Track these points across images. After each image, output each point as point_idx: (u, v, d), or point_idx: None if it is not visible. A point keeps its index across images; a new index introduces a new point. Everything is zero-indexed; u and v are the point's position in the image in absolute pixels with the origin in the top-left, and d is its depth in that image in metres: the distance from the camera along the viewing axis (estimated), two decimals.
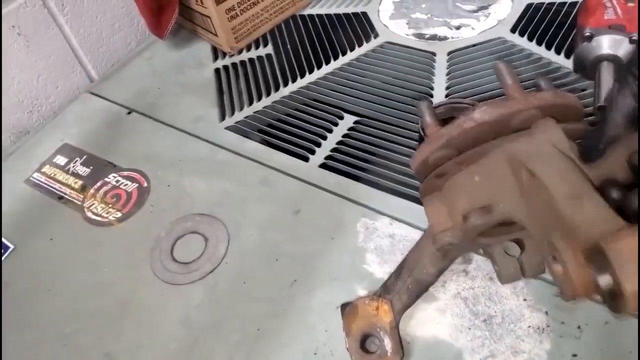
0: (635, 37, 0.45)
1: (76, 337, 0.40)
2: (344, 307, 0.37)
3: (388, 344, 0.34)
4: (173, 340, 0.38)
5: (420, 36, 0.58)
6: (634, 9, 0.48)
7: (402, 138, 0.49)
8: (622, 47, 0.46)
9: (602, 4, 0.49)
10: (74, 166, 0.53)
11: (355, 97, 0.54)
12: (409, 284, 0.35)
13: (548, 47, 0.54)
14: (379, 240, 0.41)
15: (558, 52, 0.53)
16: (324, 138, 0.51)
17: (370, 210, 0.44)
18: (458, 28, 0.58)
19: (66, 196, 0.50)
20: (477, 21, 0.58)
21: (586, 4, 0.51)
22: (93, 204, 0.49)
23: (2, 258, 0.46)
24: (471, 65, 0.54)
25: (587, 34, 0.47)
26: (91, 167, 0.52)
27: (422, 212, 0.42)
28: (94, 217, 0.48)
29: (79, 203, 0.49)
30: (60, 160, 0.54)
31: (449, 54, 0.55)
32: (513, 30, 0.57)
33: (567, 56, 0.52)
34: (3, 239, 0.47)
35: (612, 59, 0.46)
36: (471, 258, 0.39)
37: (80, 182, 0.51)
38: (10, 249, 0.46)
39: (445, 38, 0.57)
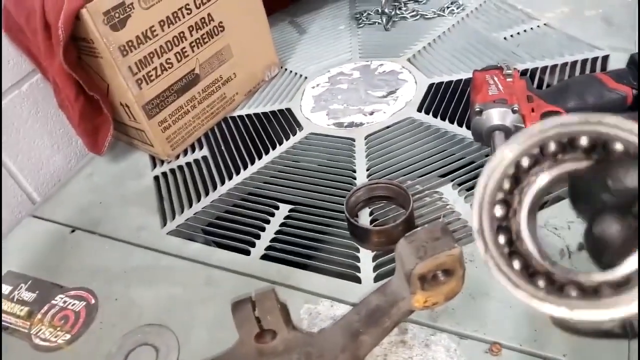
0: (516, 108, 0.53)
1: None
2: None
3: None
4: None
5: (339, 125, 0.64)
6: (512, 84, 0.56)
7: (333, 220, 0.53)
8: (508, 118, 0.53)
9: (486, 82, 0.57)
10: (18, 293, 0.53)
11: (288, 187, 0.58)
12: None
13: (451, 122, 0.61)
14: (322, 324, 0.44)
15: (460, 125, 0.60)
16: (263, 230, 0.54)
17: (311, 295, 0.46)
18: (371, 113, 0.64)
19: (12, 325, 0.50)
20: (387, 105, 0.65)
21: (474, 82, 0.59)
22: (40, 330, 0.49)
23: None
24: (387, 145, 0.60)
25: (477, 109, 0.54)
26: (37, 292, 0.53)
27: (360, 290, 0.46)
28: (42, 343, 0.48)
29: (26, 331, 0.49)
30: (4, 289, 0.54)
31: (365, 138, 0.61)
32: (419, 110, 0.64)
33: (468, 128, 0.59)
34: None
35: (502, 128, 0.53)
36: (407, 328, 0.42)
37: (26, 309, 0.51)
38: None
39: (361, 124, 0.63)
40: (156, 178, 0.64)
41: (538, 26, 0.75)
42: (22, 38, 0.61)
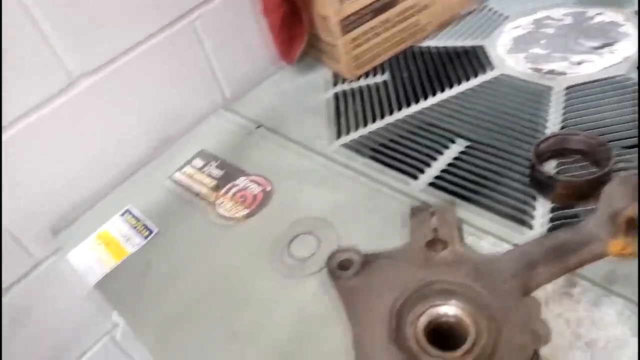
0: None
1: (206, 314, 0.46)
2: None
3: None
4: (288, 325, 0.43)
5: (537, 70, 0.59)
6: None
7: (511, 164, 0.50)
8: None
9: None
10: (209, 169, 0.61)
11: (468, 123, 0.56)
12: None
13: None
14: None
15: None
16: (435, 159, 0.54)
17: (476, 229, 0.45)
18: (579, 64, 0.58)
19: (201, 193, 0.58)
20: (600, 57, 0.58)
21: None
22: (223, 202, 0.56)
23: (149, 238, 0.54)
24: (588, 101, 0.54)
25: None
26: (224, 170, 0.60)
27: (530, 235, 0.43)
28: (223, 212, 0.55)
29: (212, 200, 0.57)
30: (198, 163, 0.62)
31: (566, 89, 0.56)
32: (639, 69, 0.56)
33: None
34: (150, 223, 0.56)
35: None
36: (576, 282, 0.39)
37: (214, 182, 0.59)
38: (155, 232, 0.55)
39: (563, 73, 0.58)
40: (336, 95, 0.67)
41: None
42: None
